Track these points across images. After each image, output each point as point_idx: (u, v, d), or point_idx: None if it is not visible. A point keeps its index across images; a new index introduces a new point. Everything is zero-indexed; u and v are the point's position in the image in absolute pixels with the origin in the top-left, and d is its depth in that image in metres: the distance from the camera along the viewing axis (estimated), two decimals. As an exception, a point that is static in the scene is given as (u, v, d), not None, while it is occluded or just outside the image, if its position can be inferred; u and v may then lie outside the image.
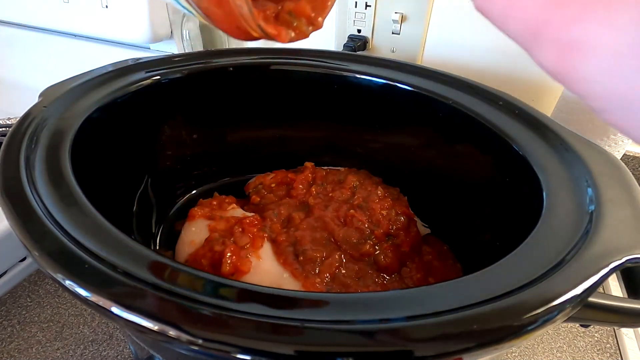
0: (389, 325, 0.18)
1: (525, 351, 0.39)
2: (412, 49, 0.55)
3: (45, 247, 0.20)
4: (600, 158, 0.29)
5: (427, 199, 0.42)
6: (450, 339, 0.17)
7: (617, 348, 0.39)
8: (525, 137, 0.32)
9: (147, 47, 0.67)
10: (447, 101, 0.37)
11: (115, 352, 0.37)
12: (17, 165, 0.25)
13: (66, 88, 0.34)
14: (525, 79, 0.54)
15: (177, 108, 0.41)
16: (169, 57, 0.41)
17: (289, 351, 0.17)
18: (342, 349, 0.17)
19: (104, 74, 0.36)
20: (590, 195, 0.26)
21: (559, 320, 0.19)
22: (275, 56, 0.43)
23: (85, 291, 0.18)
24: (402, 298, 0.19)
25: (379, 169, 0.44)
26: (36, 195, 0.23)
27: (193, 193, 0.46)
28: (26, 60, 0.78)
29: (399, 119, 0.42)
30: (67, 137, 0.29)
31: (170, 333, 0.17)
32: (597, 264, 0.21)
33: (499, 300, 0.19)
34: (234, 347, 0.17)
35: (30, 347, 0.37)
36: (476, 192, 0.37)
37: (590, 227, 0.24)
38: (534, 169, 0.29)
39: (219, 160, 0.47)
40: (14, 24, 0.73)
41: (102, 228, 0.22)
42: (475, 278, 0.21)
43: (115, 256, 0.20)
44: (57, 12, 0.65)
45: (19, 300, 0.41)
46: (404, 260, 0.36)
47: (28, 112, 0.31)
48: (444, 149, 0.40)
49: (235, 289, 0.20)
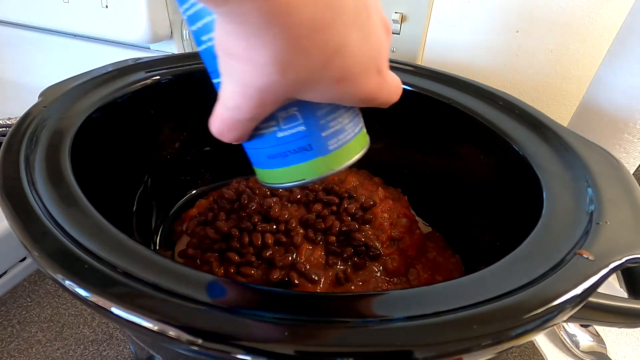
0: (389, 325, 0.18)
1: (525, 351, 0.39)
2: (412, 49, 0.55)
3: (45, 247, 0.20)
4: (600, 158, 0.30)
5: (428, 199, 0.42)
6: (450, 339, 0.17)
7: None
8: (525, 137, 0.32)
9: (147, 47, 0.67)
10: (447, 101, 0.37)
11: (115, 352, 0.37)
12: (17, 165, 0.25)
13: (66, 88, 0.34)
14: (525, 78, 0.54)
15: (177, 108, 0.41)
16: (169, 57, 0.41)
17: (289, 351, 0.17)
18: (342, 349, 0.17)
19: (104, 74, 0.36)
20: (590, 195, 0.26)
21: (559, 320, 0.19)
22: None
23: (85, 291, 0.18)
24: (402, 298, 0.19)
25: (379, 169, 0.44)
26: (36, 195, 0.23)
27: (193, 193, 0.46)
28: (26, 60, 0.78)
29: (398, 119, 0.42)
30: (67, 137, 0.29)
31: (170, 333, 0.17)
32: (597, 264, 0.21)
33: (499, 300, 0.19)
34: (234, 347, 0.17)
35: (30, 347, 0.37)
36: (476, 192, 0.37)
37: (590, 227, 0.24)
38: (534, 169, 0.29)
39: (219, 160, 0.47)
40: (14, 24, 0.73)
41: (102, 228, 0.22)
42: (475, 278, 0.21)
43: (115, 256, 0.20)
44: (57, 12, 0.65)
45: (19, 300, 0.41)
46: (410, 262, 0.36)
47: (28, 112, 0.31)
48: (443, 149, 0.40)
49: (235, 289, 0.20)
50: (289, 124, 0.20)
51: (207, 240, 0.33)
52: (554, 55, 0.52)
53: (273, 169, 0.21)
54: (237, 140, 0.20)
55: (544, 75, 0.53)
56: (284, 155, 0.21)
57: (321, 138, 0.20)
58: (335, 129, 0.20)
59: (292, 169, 0.21)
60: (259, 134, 0.20)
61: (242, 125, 0.19)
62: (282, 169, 0.21)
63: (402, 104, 0.41)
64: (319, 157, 0.20)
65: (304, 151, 0.20)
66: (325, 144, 0.20)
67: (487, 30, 0.53)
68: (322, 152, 0.20)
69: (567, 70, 0.52)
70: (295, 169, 0.21)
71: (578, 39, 0.50)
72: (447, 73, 0.40)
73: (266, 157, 0.21)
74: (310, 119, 0.20)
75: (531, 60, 0.53)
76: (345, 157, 0.21)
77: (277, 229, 0.34)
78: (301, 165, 0.21)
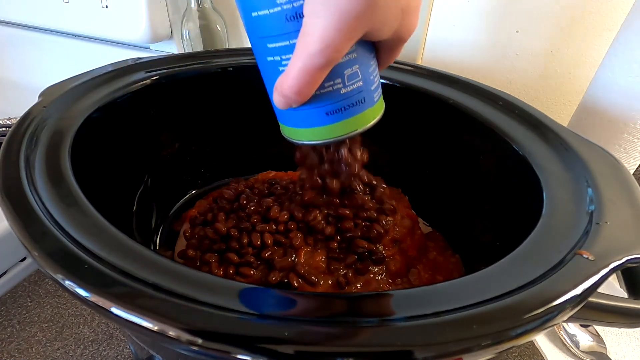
0: (389, 325, 0.18)
1: (525, 351, 0.39)
2: (412, 49, 0.55)
3: (45, 247, 0.20)
4: (600, 158, 0.29)
5: (428, 199, 0.42)
6: (450, 339, 0.17)
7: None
8: (525, 137, 0.32)
9: (147, 47, 0.67)
10: (447, 101, 0.37)
11: (115, 352, 0.37)
12: (17, 165, 0.25)
13: (66, 88, 0.34)
14: (525, 78, 0.54)
15: (177, 108, 0.41)
16: (169, 57, 0.41)
17: (289, 351, 0.17)
18: (342, 349, 0.17)
19: (104, 74, 0.36)
20: (590, 195, 0.26)
21: (559, 320, 0.19)
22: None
23: (85, 291, 0.18)
24: (402, 298, 0.19)
25: (379, 169, 0.44)
26: (36, 195, 0.23)
27: (193, 193, 0.46)
28: (26, 60, 0.78)
29: (398, 119, 0.42)
30: (67, 137, 0.29)
31: (170, 333, 0.17)
32: (597, 264, 0.21)
33: (499, 300, 0.19)
34: (234, 347, 0.17)
35: (30, 347, 0.37)
36: (476, 192, 0.37)
37: (590, 227, 0.24)
38: (534, 169, 0.29)
39: (220, 160, 0.47)
40: (14, 24, 0.73)
41: (102, 228, 0.22)
42: (475, 278, 0.21)
43: (115, 256, 0.20)
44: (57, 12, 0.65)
45: (19, 300, 0.41)
46: (411, 263, 0.36)
47: (28, 112, 0.31)
48: (443, 149, 0.40)
49: (234, 289, 0.20)
50: (352, 79, 0.23)
51: (207, 240, 0.33)
52: (554, 55, 0.52)
53: (329, 124, 0.24)
54: (305, 98, 0.22)
55: (544, 75, 0.53)
56: (343, 109, 0.24)
57: (370, 91, 0.24)
58: (377, 84, 0.25)
59: (348, 122, 0.24)
60: (324, 92, 0.23)
61: (323, 72, 0.21)
62: (338, 123, 0.24)
63: (402, 104, 0.41)
64: (368, 108, 0.25)
65: (360, 104, 0.24)
66: (372, 96, 0.25)
67: (487, 30, 0.53)
68: (370, 103, 0.25)
69: (567, 70, 0.52)
70: (350, 122, 0.24)
71: (578, 39, 0.50)
72: (447, 73, 0.40)
73: (324, 114, 0.24)
74: (365, 74, 0.23)
75: (531, 60, 0.53)
76: (381, 106, 0.26)
77: (276, 230, 0.33)
78: (356, 117, 0.24)
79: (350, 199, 0.34)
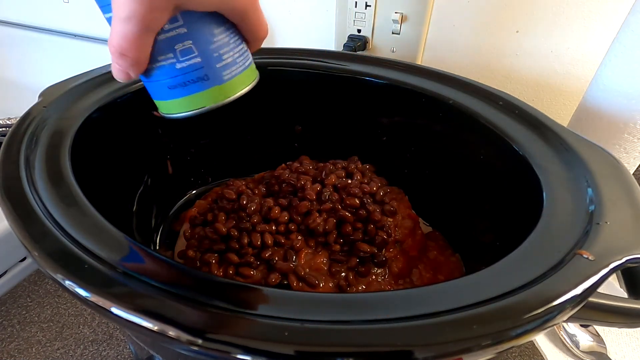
0: (389, 325, 0.18)
1: (525, 351, 0.39)
2: (412, 49, 0.55)
3: (45, 247, 0.20)
4: (600, 158, 0.29)
5: (428, 199, 0.42)
6: (450, 339, 0.17)
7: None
8: (525, 137, 0.32)
9: (147, 47, 0.67)
10: (447, 101, 0.37)
11: (115, 352, 0.37)
12: (17, 165, 0.26)
13: (66, 88, 0.34)
14: (525, 78, 0.54)
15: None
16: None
17: (289, 351, 0.17)
18: (342, 349, 0.17)
19: (104, 74, 0.36)
20: (590, 195, 0.26)
21: (559, 320, 0.19)
22: (272, 56, 0.43)
23: (85, 291, 0.18)
24: (402, 298, 0.19)
25: (380, 169, 0.44)
26: (36, 195, 0.23)
27: (193, 193, 0.46)
28: (26, 60, 0.78)
29: (399, 119, 0.42)
30: (67, 137, 0.29)
31: (170, 333, 0.17)
32: (597, 264, 0.21)
33: (499, 300, 0.19)
34: (234, 347, 0.17)
35: (30, 347, 0.37)
36: (476, 192, 0.37)
37: (590, 227, 0.24)
38: (534, 169, 0.29)
39: (219, 160, 0.47)
40: (14, 24, 0.73)
41: (102, 228, 0.22)
42: (475, 278, 0.21)
43: (115, 256, 0.20)
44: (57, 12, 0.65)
45: (19, 300, 0.41)
46: (412, 263, 0.36)
47: (28, 112, 0.31)
48: (443, 149, 0.40)
49: (234, 289, 0.20)
50: (186, 55, 0.23)
51: (207, 240, 0.33)
52: (554, 55, 0.51)
53: (174, 99, 0.24)
54: (138, 63, 0.22)
55: (544, 75, 0.53)
56: (184, 85, 0.24)
57: (216, 69, 0.24)
58: (227, 62, 0.24)
59: (192, 98, 0.24)
60: (159, 65, 0.23)
61: (140, 38, 0.21)
62: (183, 99, 0.24)
63: (402, 104, 0.41)
64: (215, 85, 0.24)
65: (202, 81, 0.24)
66: (220, 74, 0.24)
67: (487, 30, 0.53)
68: (217, 81, 0.24)
69: (567, 70, 0.52)
70: (195, 98, 0.24)
71: (578, 39, 0.50)
72: (447, 73, 0.40)
73: (167, 88, 0.24)
74: (204, 51, 0.23)
75: (531, 60, 0.53)
76: (239, 86, 0.25)
77: (276, 230, 0.33)
78: (201, 94, 0.24)
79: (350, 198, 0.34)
